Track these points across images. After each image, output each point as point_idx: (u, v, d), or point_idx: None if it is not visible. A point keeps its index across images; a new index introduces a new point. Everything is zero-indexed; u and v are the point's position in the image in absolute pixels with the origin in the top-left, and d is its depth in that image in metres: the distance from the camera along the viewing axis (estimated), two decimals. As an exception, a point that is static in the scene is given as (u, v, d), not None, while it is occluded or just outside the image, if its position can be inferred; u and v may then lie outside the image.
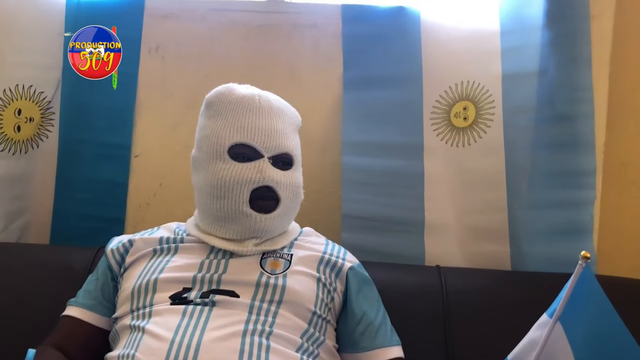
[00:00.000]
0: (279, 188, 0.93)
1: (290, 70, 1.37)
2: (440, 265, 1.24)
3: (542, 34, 1.19)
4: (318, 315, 0.90)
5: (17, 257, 1.21)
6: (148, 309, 0.87)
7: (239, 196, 0.91)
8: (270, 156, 0.94)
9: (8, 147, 1.31)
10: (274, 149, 0.94)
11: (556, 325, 0.77)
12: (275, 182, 0.92)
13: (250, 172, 0.91)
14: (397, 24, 1.31)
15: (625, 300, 0.95)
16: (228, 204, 0.91)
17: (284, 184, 0.94)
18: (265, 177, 0.91)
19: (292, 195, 0.95)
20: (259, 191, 0.91)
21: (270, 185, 0.92)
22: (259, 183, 0.91)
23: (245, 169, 0.91)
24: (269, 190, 0.92)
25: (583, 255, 0.75)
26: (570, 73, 1.20)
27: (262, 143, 0.93)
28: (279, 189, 0.93)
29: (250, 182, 0.91)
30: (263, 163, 0.92)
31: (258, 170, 0.91)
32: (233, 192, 0.91)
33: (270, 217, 0.92)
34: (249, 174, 0.91)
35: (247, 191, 0.91)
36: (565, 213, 1.23)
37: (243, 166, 0.92)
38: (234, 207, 0.91)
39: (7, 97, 1.29)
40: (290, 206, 0.96)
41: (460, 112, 1.33)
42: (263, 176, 0.91)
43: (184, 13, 1.37)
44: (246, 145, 0.93)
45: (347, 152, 1.31)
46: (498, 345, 0.90)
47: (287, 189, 0.94)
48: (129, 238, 1.01)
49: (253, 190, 0.91)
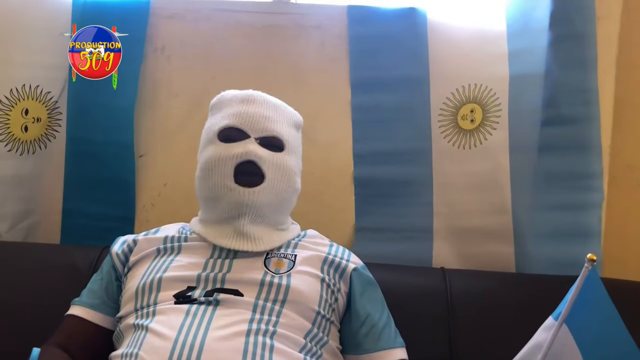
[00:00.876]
0: (264, 164, 0.93)
1: (295, 71, 1.37)
2: (445, 267, 1.24)
3: (548, 36, 1.18)
4: (322, 315, 0.90)
5: (22, 256, 1.21)
6: (152, 307, 0.87)
7: (223, 171, 0.93)
8: (258, 137, 0.95)
9: (15, 147, 1.32)
10: (261, 131, 0.96)
11: (562, 327, 0.76)
12: (258, 157, 0.93)
13: (235, 149, 0.93)
14: (404, 25, 1.31)
15: (632, 303, 0.95)
16: (213, 181, 0.94)
17: (270, 162, 0.94)
18: (248, 152, 0.92)
19: (280, 176, 0.95)
20: (242, 166, 0.93)
21: (254, 160, 0.93)
22: (241, 158, 0.92)
23: (231, 147, 0.94)
24: (253, 165, 0.93)
25: (589, 257, 0.75)
26: (575, 75, 1.20)
27: (249, 125, 0.95)
28: (263, 165, 0.93)
29: (234, 157, 0.92)
30: (249, 142, 0.94)
31: (242, 146, 0.93)
32: (218, 168, 0.93)
33: (254, 191, 0.92)
34: (234, 150, 0.93)
35: (230, 166, 0.92)
36: (572, 215, 1.23)
37: (229, 145, 0.94)
38: (219, 182, 0.93)
39: (14, 97, 1.30)
40: (279, 187, 0.95)
41: (467, 115, 1.33)
42: (246, 151, 0.92)
43: (189, 13, 1.37)
44: (234, 128, 0.95)
45: (358, 164, 1.32)
46: (503, 348, 0.89)
47: (274, 168, 0.94)
48: (133, 238, 1.01)
49: (237, 165, 0.92)
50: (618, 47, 1.27)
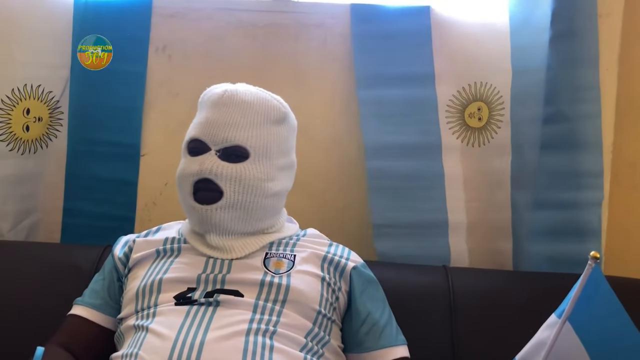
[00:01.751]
0: (219, 180, 0.91)
1: (297, 70, 1.37)
2: (447, 265, 1.24)
3: (550, 33, 1.18)
4: (323, 314, 0.90)
5: (24, 255, 1.21)
6: (152, 309, 0.88)
7: (185, 189, 0.94)
8: (218, 149, 0.93)
9: (17, 147, 1.32)
10: (222, 142, 0.93)
11: (565, 325, 0.76)
12: (214, 174, 0.91)
13: (193, 165, 0.93)
14: (407, 23, 1.31)
15: (634, 300, 0.95)
16: (182, 198, 0.96)
17: (228, 177, 0.91)
18: (202, 170, 0.91)
19: (240, 188, 0.92)
20: (200, 184, 0.92)
21: (209, 177, 0.91)
22: (198, 175, 0.92)
23: (192, 162, 0.93)
24: (210, 182, 0.92)
25: (592, 255, 0.75)
26: (577, 73, 1.19)
27: (210, 137, 0.93)
28: (219, 181, 0.91)
29: (191, 175, 0.92)
30: (208, 156, 0.93)
31: (199, 162, 0.92)
32: (182, 185, 0.94)
33: (212, 208, 0.91)
34: (192, 167, 0.93)
35: (189, 184, 0.93)
36: (571, 213, 1.22)
37: (191, 160, 0.94)
38: (185, 200, 0.95)
39: (16, 97, 1.30)
40: (241, 200, 0.92)
41: (475, 113, 1.33)
42: (201, 169, 0.91)
43: (190, 12, 1.37)
44: (197, 140, 0.94)
45: (371, 157, 1.31)
46: (505, 346, 0.89)
47: (232, 181, 0.92)
48: (134, 238, 1.01)
49: (195, 182, 0.92)
50: (620, 44, 1.27)
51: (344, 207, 1.39)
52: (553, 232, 1.23)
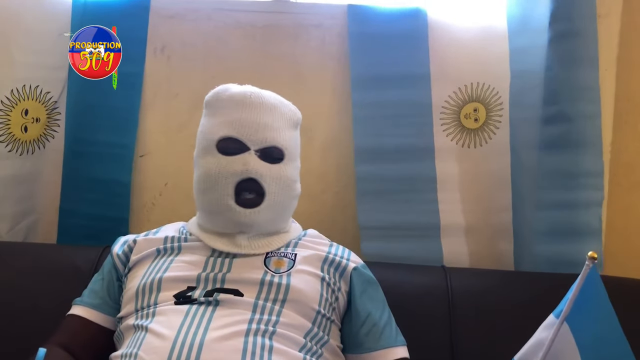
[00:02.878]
0: (264, 181, 0.92)
1: (296, 70, 1.37)
2: (446, 266, 1.24)
3: (549, 33, 1.18)
4: (322, 314, 0.90)
5: (23, 256, 1.21)
6: (152, 308, 0.88)
7: (223, 189, 0.91)
8: (258, 149, 0.93)
9: (15, 148, 1.32)
10: (261, 142, 0.93)
11: (563, 325, 0.76)
12: (259, 175, 0.91)
13: (235, 165, 0.91)
14: (404, 25, 1.31)
15: (632, 301, 0.95)
16: (214, 198, 0.92)
17: (270, 177, 0.93)
18: (249, 169, 0.91)
19: (279, 189, 0.94)
20: (243, 184, 0.91)
21: (255, 177, 0.91)
22: (242, 175, 0.91)
23: (231, 162, 0.91)
24: (254, 183, 0.91)
25: (590, 255, 0.74)
26: (576, 73, 1.19)
27: (248, 136, 0.93)
28: (263, 182, 0.92)
29: (234, 175, 0.91)
30: (249, 156, 0.92)
31: (242, 162, 0.91)
32: (218, 185, 0.91)
33: (255, 212, 0.92)
34: (234, 166, 0.91)
35: (231, 184, 0.91)
36: (571, 214, 1.22)
37: (229, 159, 0.92)
38: (220, 201, 0.92)
39: (15, 98, 1.30)
40: (279, 201, 0.95)
41: (471, 114, 1.33)
42: (247, 168, 0.91)
43: (189, 13, 1.37)
44: (233, 139, 0.93)
45: (360, 161, 1.30)
46: (504, 346, 0.89)
47: (274, 182, 0.93)
48: (134, 238, 1.01)
49: (238, 183, 0.91)
50: (619, 45, 1.27)
51: (342, 208, 1.39)
52: (553, 233, 1.23)
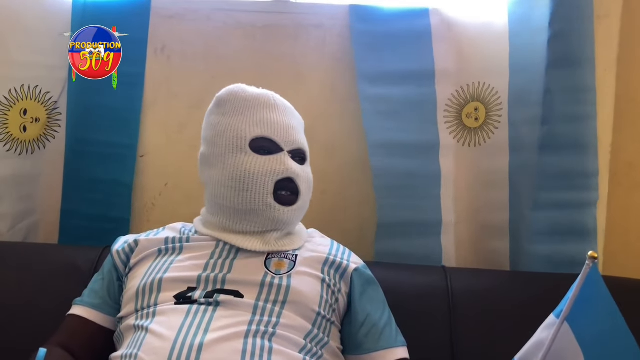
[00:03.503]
0: (299, 181, 0.96)
1: (296, 71, 1.37)
2: (446, 266, 1.24)
3: (548, 34, 1.18)
4: (322, 316, 0.90)
5: (23, 256, 1.21)
6: (152, 308, 0.87)
7: (263, 188, 0.93)
8: (290, 150, 0.97)
9: (14, 147, 1.32)
10: (292, 144, 0.97)
11: (563, 325, 0.76)
12: (296, 175, 0.95)
13: (274, 164, 0.94)
14: (407, 25, 1.31)
15: (631, 301, 0.95)
16: (252, 196, 0.93)
17: (302, 177, 0.97)
18: (288, 169, 0.94)
19: (307, 190, 0.99)
20: (281, 183, 0.94)
21: (292, 177, 0.95)
22: (282, 174, 0.94)
23: (269, 161, 0.94)
24: (291, 182, 0.95)
25: (590, 255, 0.74)
26: (573, 74, 1.20)
27: (281, 137, 0.96)
28: (299, 182, 0.96)
29: (274, 174, 0.93)
30: (284, 156, 0.95)
31: (281, 162, 0.94)
32: (257, 183, 0.93)
33: (291, 210, 0.95)
34: (273, 165, 0.93)
35: (271, 183, 0.93)
36: (568, 214, 1.23)
37: (266, 159, 0.94)
38: (258, 199, 0.93)
39: (13, 98, 1.29)
40: (306, 200, 1.00)
41: (472, 113, 1.34)
42: (286, 168, 0.94)
43: (189, 13, 1.37)
44: (267, 139, 0.95)
45: (374, 154, 1.30)
46: (504, 346, 0.89)
47: (305, 182, 0.98)
48: (134, 238, 1.01)
49: (277, 182, 0.93)
50: (619, 45, 1.27)
51: (342, 208, 1.39)
52: (551, 233, 1.23)
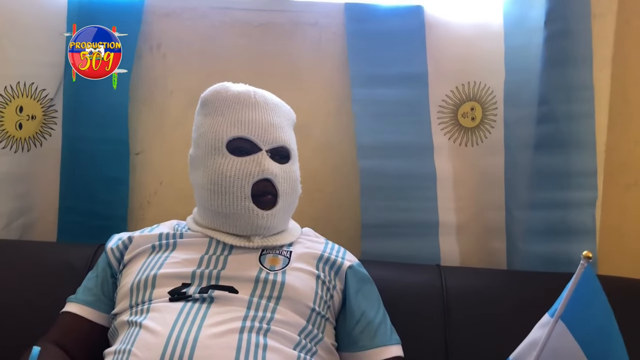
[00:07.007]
0: (277, 181, 0.93)
1: (292, 69, 1.37)
2: (441, 264, 1.24)
3: (544, 33, 1.19)
4: (317, 312, 0.90)
5: (17, 254, 1.21)
6: (147, 304, 0.87)
7: (240, 191, 0.91)
8: (268, 149, 0.94)
9: (10, 145, 1.31)
10: (272, 142, 0.94)
11: (558, 324, 0.77)
12: (273, 175, 0.93)
13: (250, 166, 0.91)
14: (401, 23, 1.31)
15: (626, 300, 0.96)
16: (230, 200, 0.92)
17: (282, 177, 0.94)
18: (264, 170, 0.91)
19: (290, 189, 0.96)
20: (259, 185, 0.92)
21: (269, 177, 0.92)
22: (258, 176, 0.91)
23: (245, 162, 0.92)
24: (268, 183, 0.93)
25: (585, 255, 0.75)
26: (571, 72, 1.20)
27: (259, 136, 0.93)
28: (277, 182, 0.93)
29: (250, 176, 0.91)
30: (262, 156, 0.93)
31: (257, 163, 0.92)
32: (235, 186, 0.91)
33: (271, 214, 0.93)
34: (249, 167, 0.91)
35: (248, 185, 0.91)
36: (565, 213, 1.23)
37: (242, 160, 0.92)
38: (237, 203, 0.92)
39: (8, 95, 1.29)
40: (289, 200, 0.97)
41: (468, 113, 1.33)
42: (262, 169, 0.91)
43: (185, 11, 1.37)
44: (244, 139, 0.93)
45: (363, 156, 1.30)
46: (499, 345, 0.90)
47: (286, 182, 0.95)
48: (128, 235, 1.01)
49: (254, 184, 0.91)
50: (614, 44, 1.27)
51: (337, 207, 1.39)
52: (547, 232, 1.23)
